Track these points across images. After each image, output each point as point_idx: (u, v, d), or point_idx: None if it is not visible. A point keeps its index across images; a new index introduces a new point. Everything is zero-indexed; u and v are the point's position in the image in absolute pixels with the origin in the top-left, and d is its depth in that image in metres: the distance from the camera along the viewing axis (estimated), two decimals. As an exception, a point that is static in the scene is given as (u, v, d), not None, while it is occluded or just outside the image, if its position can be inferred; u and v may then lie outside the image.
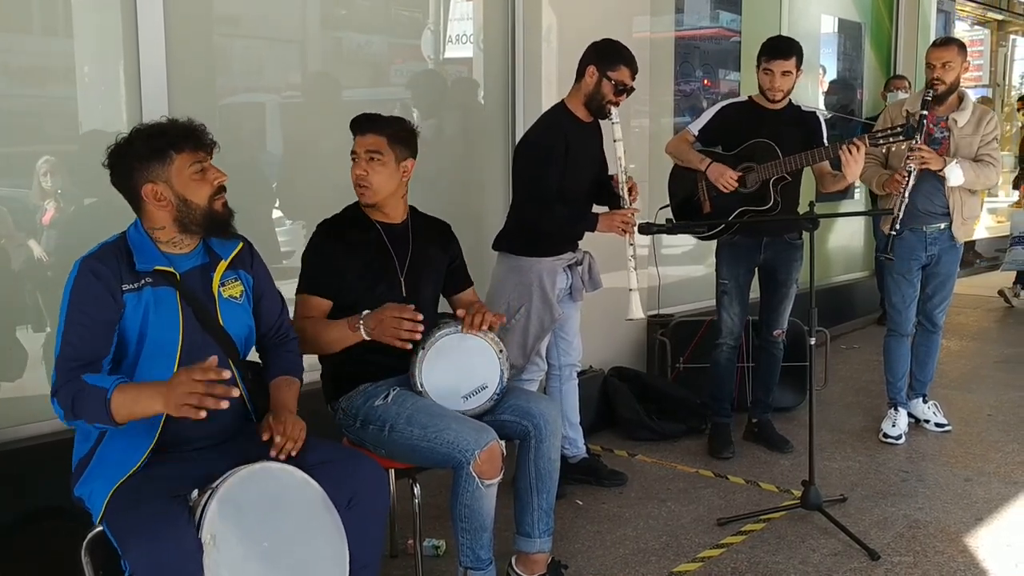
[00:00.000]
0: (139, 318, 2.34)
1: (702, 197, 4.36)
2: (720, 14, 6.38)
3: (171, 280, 2.40)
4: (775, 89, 4.24)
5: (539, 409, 3.02)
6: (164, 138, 2.35)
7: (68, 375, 2.24)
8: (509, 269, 3.81)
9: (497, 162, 4.79)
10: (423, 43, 4.70)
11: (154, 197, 2.36)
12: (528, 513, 3.09)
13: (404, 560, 3.41)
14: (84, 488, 2.33)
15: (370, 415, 2.92)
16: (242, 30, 4.00)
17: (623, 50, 3.75)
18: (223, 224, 2.48)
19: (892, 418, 4.81)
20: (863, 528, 3.66)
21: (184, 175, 2.37)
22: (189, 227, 2.42)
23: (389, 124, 3.02)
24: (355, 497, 2.42)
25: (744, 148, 4.27)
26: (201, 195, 2.40)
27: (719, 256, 4.52)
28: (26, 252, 3.38)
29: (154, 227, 2.41)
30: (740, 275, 4.47)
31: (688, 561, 3.43)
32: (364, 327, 2.85)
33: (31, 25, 3.40)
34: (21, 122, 3.33)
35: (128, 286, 2.33)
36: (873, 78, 8.04)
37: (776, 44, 4.29)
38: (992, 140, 4.48)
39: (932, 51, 4.46)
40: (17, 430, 3.21)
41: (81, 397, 2.20)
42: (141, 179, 2.35)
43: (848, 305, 7.49)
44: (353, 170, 3.02)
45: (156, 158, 2.35)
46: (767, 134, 4.23)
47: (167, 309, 2.38)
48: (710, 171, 4.24)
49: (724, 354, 4.57)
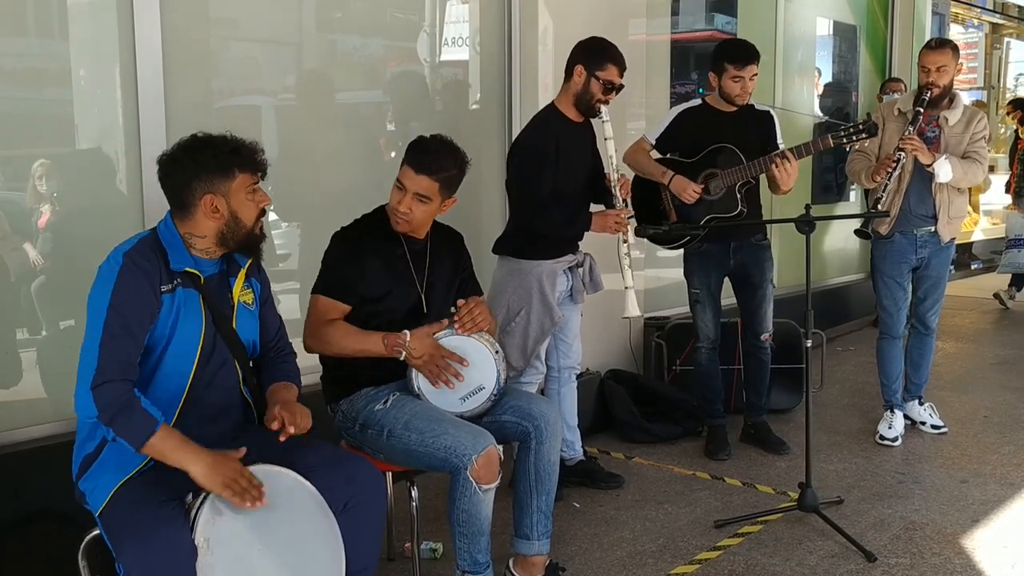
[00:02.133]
0: (171, 320, 2.36)
1: (667, 206, 4.35)
2: (715, 16, 6.39)
3: (196, 283, 2.42)
4: (746, 95, 4.25)
5: (539, 411, 3.02)
6: (234, 156, 2.39)
7: (117, 374, 2.22)
8: (509, 272, 3.81)
9: (494, 165, 4.78)
10: (419, 45, 4.70)
11: (211, 208, 2.38)
12: (527, 515, 3.08)
13: (401, 563, 3.41)
14: (89, 482, 2.32)
15: (369, 419, 2.92)
16: (238, 32, 3.99)
17: (610, 48, 3.74)
18: (257, 246, 2.52)
19: (888, 420, 4.82)
20: (860, 530, 3.66)
21: (241, 194, 2.41)
22: (228, 243, 2.45)
23: (445, 167, 3.00)
24: (352, 500, 2.42)
25: (706, 154, 4.28)
26: (250, 216, 2.44)
27: (688, 265, 4.52)
28: (21, 255, 3.37)
29: (194, 233, 2.42)
30: (711, 282, 4.48)
31: (685, 563, 3.43)
32: (407, 351, 2.89)
33: (26, 27, 3.39)
34: (16, 125, 3.32)
35: (165, 287, 2.35)
36: (868, 81, 8.06)
37: (743, 49, 4.26)
38: (981, 139, 4.52)
39: (927, 54, 4.46)
40: (14, 434, 3.19)
41: (127, 414, 2.20)
42: (201, 188, 2.37)
43: (844, 307, 7.50)
44: (396, 199, 3.00)
45: (221, 172, 2.38)
46: (727, 138, 4.25)
47: (193, 312, 2.40)
48: (672, 185, 4.24)
49: (704, 355, 4.59)
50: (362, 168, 4.35)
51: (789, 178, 4.14)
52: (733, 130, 4.29)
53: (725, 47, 4.34)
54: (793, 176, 4.16)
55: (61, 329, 3.40)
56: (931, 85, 4.39)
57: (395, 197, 3.02)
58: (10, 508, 2.99)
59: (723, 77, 4.26)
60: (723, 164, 4.25)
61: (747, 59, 4.21)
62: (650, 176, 4.34)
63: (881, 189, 4.36)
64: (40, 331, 3.39)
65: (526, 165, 3.70)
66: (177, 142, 2.44)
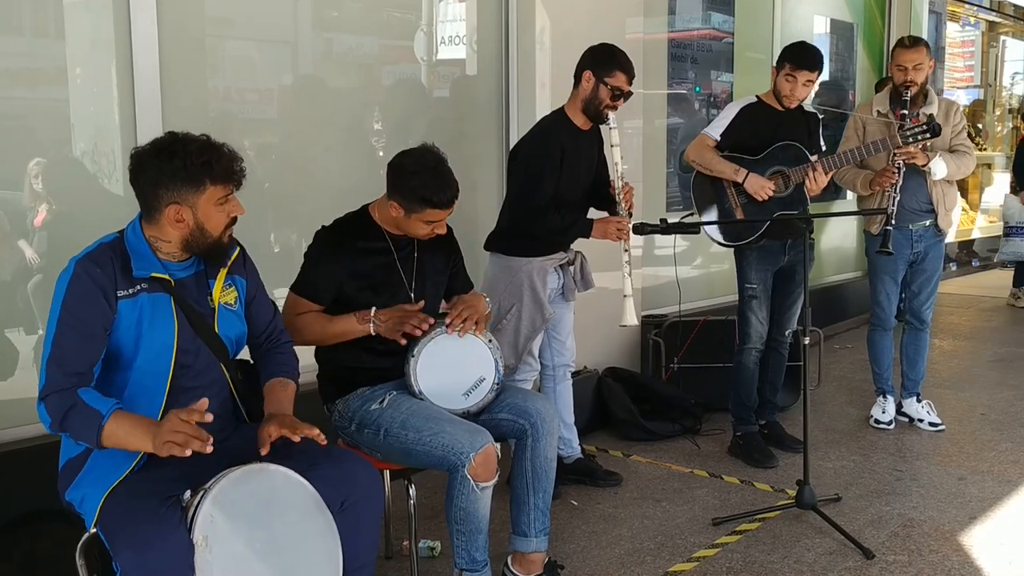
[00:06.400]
0: (134, 324, 2.32)
1: (733, 204, 4.29)
2: (712, 15, 6.38)
3: (166, 287, 2.38)
4: (793, 97, 4.22)
5: (536, 408, 3.02)
6: (207, 168, 2.30)
7: (61, 383, 2.21)
8: (500, 269, 3.81)
9: (491, 163, 4.78)
10: (416, 44, 4.69)
11: (175, 218, 2.32)
12: (524, 513, 3.08)
13: (399, 561, 3.41)
14: (75, 493, 2.31)
15: (366, 419, 2.91)
16: (234, 31, 3.99)
17: (619, 55, 3.73)
18: (223, 255, 2.47)
19: (881, 405, 4.95)
20: (858, 527, 3.66)
21: (210, 205, 2.34)
22: (193, 250, 2.40)
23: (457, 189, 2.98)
24: (349, 499, 2.41)
25: (771, 152, 4.23)
26: (217, 226, 2.38)
27: (745, 261, 4.43)
28: (17, 254, 3.37)
29: (159, 238, 2.38)
30: (767, 279, 4.43)
31: (683, 561, 3.43)
32: (375, 322, 2.88)
33: (22, 27, 3.39)
34: (12, 124, 3.32)
35: (123, 292, 2.31)
36: (865, 79, 8.06)
37: (805, 54, 4.22)
38: (962, 130, 4.61)
39: (902, 53, 4.48)
40: (9, 432, 3.20)
41: (73, 413, 2.19)
42: (167, 197, 2.30)
43: (840, 305, 7.51)
44: (425, 231, 2.97)
45: (191, 183, 2.30)
46: (784, 136, 4.23)
47: (162, 316, 2.36)
48: (748, 184, 4.18)
49: (752, 358, 4.50)
50: (358, 167, 4.35)
51: (818, 187, 4.15)
52: (788, 128, 4.26)
53: (793, 46, 4.30)
54: (822, 186, 4.17)
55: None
56: (909, 84, 4.42)
57: (423, 230, 2.97)
58: (6, 507, 2.99)
59: (780, 73, 4.24)
60: (789, 162, 4.21)
61: (804, 63, 4.18)
62: (720, 174, 4.27)
63: (891, 203, 4.37)
64: (36, 329, 3.38)
65: (529, 171, 3.70)
66: (153, 140, 2.36)
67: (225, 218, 2.39)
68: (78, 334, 2.24)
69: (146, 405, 2.36)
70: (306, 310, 2.97)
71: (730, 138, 4.31)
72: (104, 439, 2.18)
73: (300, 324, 2.94)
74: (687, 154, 4.43)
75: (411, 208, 2.91)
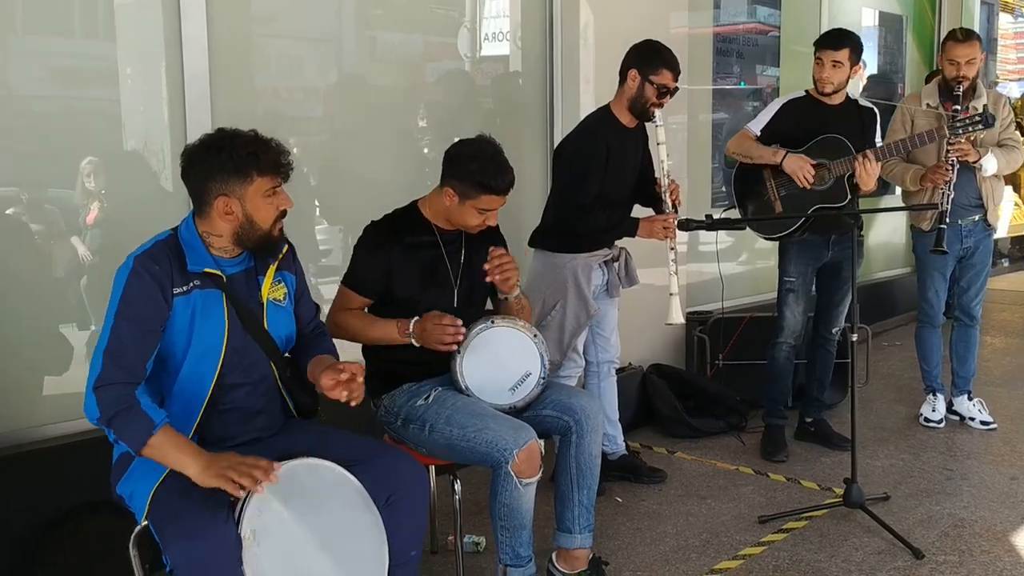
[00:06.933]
0: (187, 321, 2.35)
1: (772, 197, 4.24)
2: (757, 9, 6.32)
3: (218, 283, 2.41)
4: (823, 80, 4.16)
5: (580, 404, 3.02)
6: (254, 160, 2.34)
7: (116, 376, 2.23)
8: (545, 266, 3.82)
9: (535, 160, 4.78)
10: (459, 41, 4.70)
11: (224, 210, 2.36)
12: (569, 509, 3.08)
13: (444, 556, 3.43)
14: (126, 487, 2.35)
15: (411, 414, 2.93)
16: (280, 30, 4.03)
17: (664, 52, 3.71)
18: (274, 248, 2.50)
19: (931, 403, 4.90)
20: (907, 527, 3.62)
21: (258, 197, 2.38)
22: (244, 243, 2.43)
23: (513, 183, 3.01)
24: (395, 493, 2.42)
25: (813, 144, 4.16)
26: (267, 218, 2.41)
27: (785, 255, 4.41)
28: (70, 251, 3.43)
29: (211, 232, 2.41)
30: (807, 273, 4.38)
31: (729, 559, 3.41)
32: (414, 335, 2.90)
33: (73, 28, 3.45)
34: (64, 124, 3.37)
35: (178, 290, 2.34)
36: (915, 72, 7.94)
37: (828, 34, 4.21)
38: (1010, 123, 4.55)
39: (955, 47, 4.41)
40: (63, 426, 3.26)
41: (125, 415, 2.21)
42: (216, 190, 2.35)
43: (889, 302, 7.41)
44: (478, 220, 2.99)
45: (238, 175, 2.34)
46: (830, 130, 4.15)
47: (214, 312, 2.39)
48: (787, 163, 4.11)
49: (784, 353, 4.47)
50: (402, 163, 4.37)
51: (869, 179, 4.03)
52: (836, 122, 4.18)
53: (822, 34, 4.26)
54: (873, 176, 4.04)
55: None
56: (960, 79, 4.34)
57: (475, 219, 2.99)
58: (61, 499, 3.05)
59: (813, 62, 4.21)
60: (832, 155, 4.13)
61: (824, 43, 4.16)
62: (760, 159, 4.21)
63: (945, 201, 4.31)
64: (88, 325, 3.44)
65: (574, 169, 3.70)
66: (201, 137, 2.41)
67: (274, 211, 2.42)
68: (136, 328, 2.27)
69: (192, 400, 2.40)
70: (356, 303, 2.99)
71: (772, 132, 4.26)
72: (147, 448, 2.21)
73: (343, 320, 2.97)
74: (728, 147, 4.41)
75: (467, 194, 2.93)
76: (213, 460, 2.19)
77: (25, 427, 3.22)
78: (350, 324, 2.98)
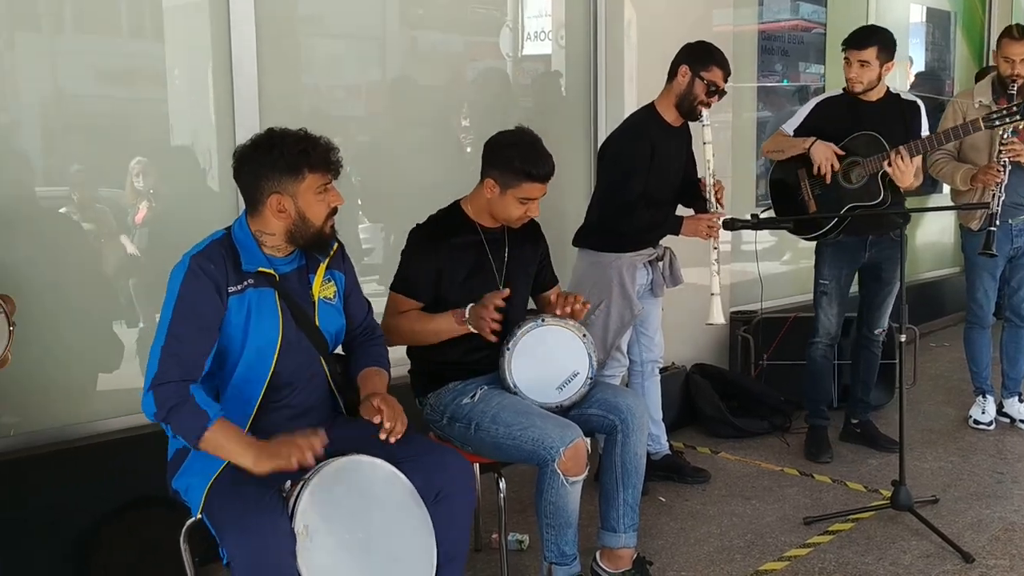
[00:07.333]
0: (242, 320, 2.39)
1: (806, 196, 4.19)
2: (800, 6, 6.26)
3: (271, 281, 2.44)
4: (852, 80, 4.12)
5: (626, 404, 3.01)
6: (305, 156, 2.38)
7: (174, 374, 2.26)
8: (589, 265, 3.81)
9: (578, 159, 4.77)
10: (501, 40, 4.71)
11: (277, 208, 2.39)
12: (613, 508, 3.07)
13: (488, 554, 3.43)
14: (182, 482, 2.39)
15: (457, 413, 2.94)
16: (325, 30, 4.06)
17: (717, 52, 3.71)
18: (326, 245, 2.53)
19: (981, 405, 4.82)
20: (956, 530, 3.57)
21: (310, 194, 2.41)
22: (297, 241, 2.46)
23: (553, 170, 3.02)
24: (442, 491, 2.44)
25: (846, 143, 4.11)
26: (319, 215, 2.44)
27: (820, 255, 4.37)
28: (120, 250, 3.48)
29: (264, 231, 2.45)
30: (842, 275, 4.34)
31: (774, 560, 3.38)
32: (470, 321, 2.90)
33: (122, 28, 3.49)
34: (114, 124, 3.42)
35: (233, 288, 2.37)
36: (965, 69, 7.80)
37: (854, 33, 4.16)
38: None
39: (1010, 45, 4.34)
40: (115, 421, 3.31)
41: (181, 410, 2.24)
42: (268, 188, 2.38)
43: (937, 302, 7.30)
44: (520, 211, 3.00)
45: (290, 172, 2.38)
46: (868, 127, 4.08)
47: (268, 310, 2.43)
48: (813, 150, 4.07)
49: (820, 352, 4.44)
50: (444, 163, 4.38)
51: (903, 175, 3.96)
52: (875, 119, 4.11)
53: (850, 33, 4.21)
54: (907, 173, 3.96)
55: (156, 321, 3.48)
56: (1016, 76, 4.27)
57: (517, 210, 2.99)
58: (114, 493, 3.10)
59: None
60: (864, 152, 4.07)
61: (849, 43, 4.11)
62: (792, 150, 4.18)
63: (996, 203, 4.24)
64: (137, 323, 3.49)
65: (618, 168, 3.69)
66: (252, 137, 2.45)
67: (326, 208, 2.45)
68: (193, 326, 2.31)
69: (246, 397, 2.43)
70: (408, 308, 3.00)
71: (807, 131, 4.21)
72: (203, 442, 2.23)
73: (397, 324, 2.97)
74: (763, 148, 4.40)
75: (507, 183, 2.94)
76: (264, 449, 2.23)
77: (77, 423, 3.27)
78: (404, 327, 2.98)
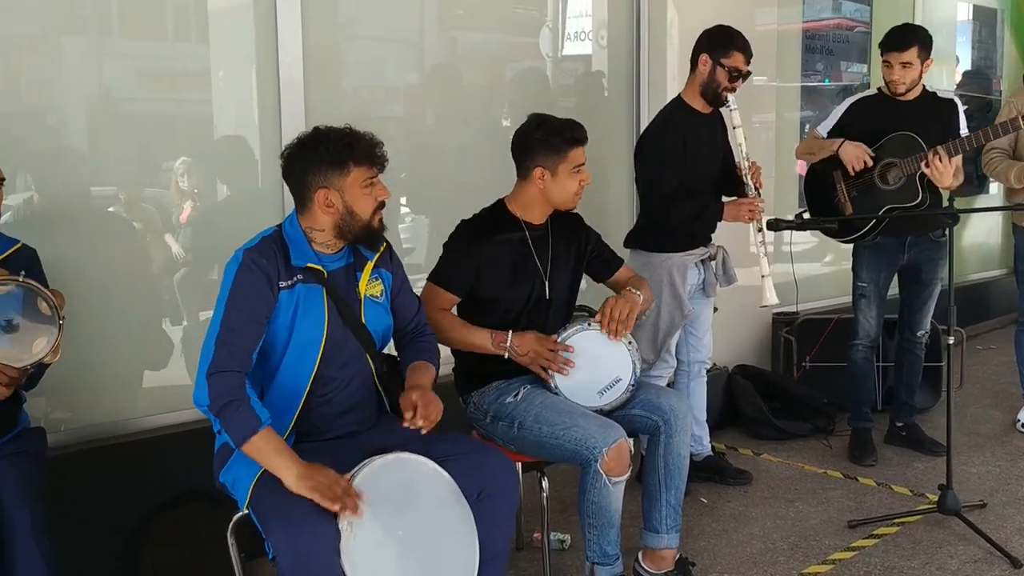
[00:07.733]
0: (290, 314, 2.41)
1: (842, 199, 4.13)
2: (843, 4, 6.19)
3: (319, 278, 2.47)
4: (896, 82, 4.06)
5: (669, 404, 3.00)
6: (349, 150, 2.42)
7: (230, 364, 2.28)
8: (640, 265, 3.79)
9: (622, 158, 4.76)
10: (541, 40, 4.70)
11: (324, 202, 2.43)
12: (656, 509, 3.06)
13: (530, 553, 3.43)
14: (228, 475, 2.41)
15: (500, 411, 2.95)
16: (366, 32, 4.08)
17: (735, 35, 3.68)
18: (376, 239, 2.55)
19: None
20: (1005, 535, 3.51)
21: (356, 188, 2.44)
22: (346, 235, 2.49)
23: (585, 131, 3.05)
24: (485, 490, 2.44)
25: (883, 143, 4.05)
26: (366, 209, 2.47)
27: (858, 257, 4.33)
28: (165, 249, 3.52)
29: (313, 227, 2.48)
30: (880, 278, 4.29)
31: (818, 563, 3.35)
32: (511, 350, 2.92)
33: (167, 31, 3.54)
34: (159, 124, 3.46)
35: (284, 283, 2.41)
36: (1013, 67, 7.67)
37: (892, 35, 4.10)
38: None
39: None
40: (164, 417, 3.35)
41: (235, 408, 2.25)
42: (316, 183, 2.42)
43: (984, 304, 7.19)
44: (576, 182, 3.02)
45: (336, 167, 2.41)
46: (904, 127, 4.02)
47: (315, 307, 2.45)
48: (842, 151, 4.02)
49: (860, 354, 4.40)
50: (485, 162, 4.37)
51: (942, 176, 3.89)
52: (912, 119, 4.06)
53: (886, 34, 4.17)
54: (946, 174, 3.89)
55: (202, 319, 3.53)
56: None
57: (574, 183, 3.01)
58: (161, 489, 3.14)
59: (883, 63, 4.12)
60: (901, 153, 4.02)
61: (887, 45, 4.06)
62: (822, 153, 4.14)
63: None
64: (182, 321, 3.53)
65: (650, 163, 3.69)
66: (297, 136, 2.49)
67: (372, 201, 2.47)
68: (247, 317, 2.34)
69: (292, 393, 2.44)
70: (443, 300, 3.01)
71: (841, 133, 4.16)
72: (249, 444, 2.24)
73: (440, 321, 2.97)
74: (796, 151, 4.36)
75: (556, 160, 2.97)
76: (310, 472, 2.21)
77: (125, 419, 3.32)
78: (444, 325, 2.99)
